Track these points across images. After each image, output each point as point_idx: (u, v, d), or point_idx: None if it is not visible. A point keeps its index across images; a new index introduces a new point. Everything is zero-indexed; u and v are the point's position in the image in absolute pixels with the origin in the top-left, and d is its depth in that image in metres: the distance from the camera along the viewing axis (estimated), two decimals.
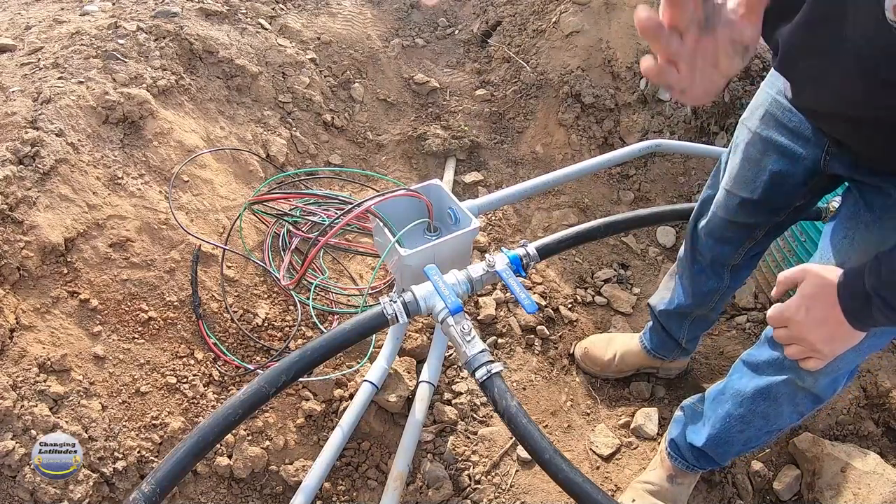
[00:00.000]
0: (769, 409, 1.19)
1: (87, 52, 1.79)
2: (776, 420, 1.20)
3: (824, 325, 0.89)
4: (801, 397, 1.13)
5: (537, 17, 2.62)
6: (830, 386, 1.11)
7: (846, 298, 0.86)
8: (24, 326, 1.32)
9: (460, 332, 1.09)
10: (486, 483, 1.52)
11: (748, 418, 1.23)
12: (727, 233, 1.31)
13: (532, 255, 1.28)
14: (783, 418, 1.19)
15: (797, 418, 1.19)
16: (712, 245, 1.36)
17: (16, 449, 1.16)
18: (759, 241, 1.32)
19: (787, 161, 1.12)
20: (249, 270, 1.77)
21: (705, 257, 1.41)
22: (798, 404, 1.15)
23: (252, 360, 1.61)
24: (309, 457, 1.50)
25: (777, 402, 1.17)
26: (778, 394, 1.16)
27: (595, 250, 2.19)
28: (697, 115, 2.37)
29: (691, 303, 1.50)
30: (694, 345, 1.68)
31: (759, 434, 1.25)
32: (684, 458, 1.40)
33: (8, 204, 1.37)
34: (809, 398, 1.13)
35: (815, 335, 0.91)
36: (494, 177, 2.37)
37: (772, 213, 1.23)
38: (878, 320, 0.83)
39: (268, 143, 2.11)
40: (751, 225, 1.27)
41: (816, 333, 0.91)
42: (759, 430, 1.24)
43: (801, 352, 0.96)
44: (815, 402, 1.14)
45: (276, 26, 2.45)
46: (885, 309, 0.80)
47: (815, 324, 0.91)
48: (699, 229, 1.38)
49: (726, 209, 1.27)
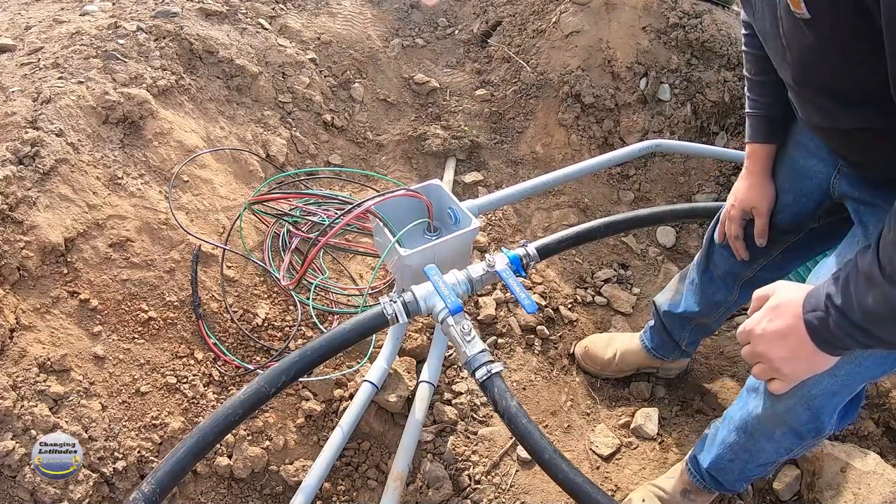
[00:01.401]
0: (748, 442, 1.16)
1: (87, 52, 1.79)
2: (759, 454, 1.17)
3: (785, 340, 0.82)
4: (780, 434, 1.09)
5: (537, 17, 2.62)
6: (810, 420, 1.03)
7: (809, 313, 0.78)
8: (24, 326, 1.32)
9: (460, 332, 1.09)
10: (486, 483, 1.52)
11: (735, 449, 1.21)
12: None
13: (532, 255, 1.28)
14: (766, 453, 1.15)
15: (785, 453, 1.14)
16: (727, 257, 1.36)
17: (16, 449, 1.16)
18: (774, 261, 1.31)
19: (802, 178, 1.14)
20: (249, 270, 1.77)
21: (719, 268, 1.40)
22: (778, 441, 1.11)
23: (252, 360, 1.61)
24: (309, 457, 1.49)
25: (754, 437, 1.14)
26: (754, 428, 1.13)
27: (595, 250, 2.19)
28: (697, 115, 2.37)
29: (697, 311, 1.50)
30: (694, 347, 1.68)
31: (748, 466, 1.22)
32: (701, 477, 1.36)
33: (8, 204, 1.37)
34: (789, 434, 1.08)
35: (776, 351, 0.83)
36: (494, 177, 2.37)
37: (786, 232, 1.23)
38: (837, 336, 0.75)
39: (268, 143, 2.11)
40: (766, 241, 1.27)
41: (776, 349, 0.83)
42: (746, 462, 1.21)
43: (764, 371, 0.89)
44: (797, 437, 1.08)
45: (276, 26, 2.45)
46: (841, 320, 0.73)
47: (775, 338, 0.83)
48: (715, 240, 1.38)
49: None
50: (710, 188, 2.33)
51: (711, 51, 2.34)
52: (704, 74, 2.34)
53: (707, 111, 2.35)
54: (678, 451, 1.63)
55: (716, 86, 2.33)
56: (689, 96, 2.35)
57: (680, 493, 1.41)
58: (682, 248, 2.25)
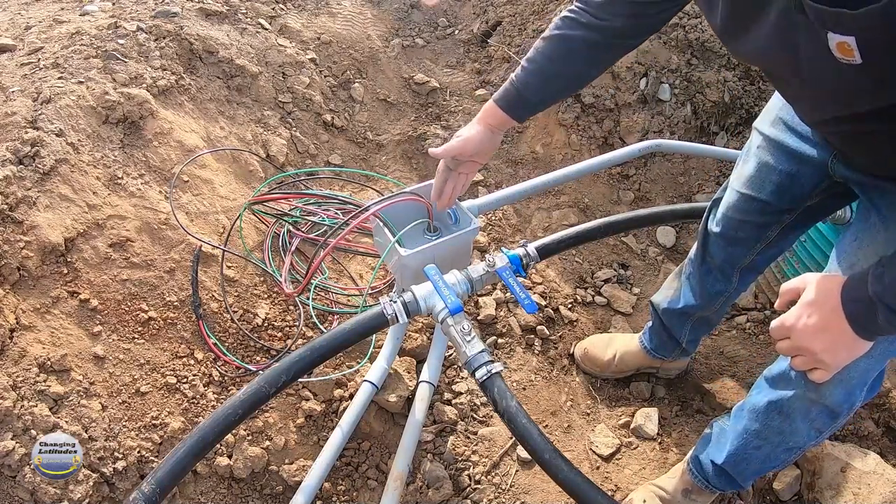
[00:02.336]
0: (783, 424, 1.16)
1: (87, 52, 1.79)
2: (792, 436, 1.17)
3: (826, 332, 0.85)
4: (816, 412, 1.10)
5: (537, 17, 2.62)
6: (846, 399, 1.07)
7: (849, 305, 0.82)
8: (24, 326, 1.32)
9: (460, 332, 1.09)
10: (486, 483, 1.52)
11: (764, 434, 1.20)
12: (739, 233, 1.31)
13: (532, 255, 1.28)
14: (799, 435, 1.16)
15: (815, 435, 1.15)
16: (724, 246, 1.36)
17: (16, 449, 1.16)
18: (771, 243, 1.31)
19: (795, 162, 1.14)
20: (249, 270, 1.77)
21: (716, 259, 1.40)
22: (813, 420, 1.12)
23: (252, 360, 1.61)
24: (309, 457, 1.49)
25: (790, 417, 1.15)
26: (790, 408, 1.13)
27: (595, 250, 2.19)
28: (697, 115, 2.37)
29: (697, 303, 1.50)
30: (694, 346, 1.68)
31: (776, 451, 1.21)
32: (705, 477, 1.36)
33: (8, 204, 1.37)
34: (824, 413, 1.10)
35: (818, 344, 0.87)
36: (494, 177, 2.37)
37: (782, 213, 1.23)
38: (884, 328, 0.80)
39: (268, 143, 2.11)
40: (761, 224, 1.27)
41: (819, 342, 0.86)
42: (776, 446, 1.20)
43: (806, 362, 0.91)
44: (831, 416, 1.10)
45: (276, 26, 2.45)
46: (889, 315, 0.77)
47: (816, 332, 0.86)
48: (710, 230, 1.38)
49: (737, 209, 1.28)
50: (710, 188, 2.33)
51: (711, 51, 2.34)
52: (704, 74, 2.34)
53: (707, 111, 2.35)
54: (678, 451, 1.63)
55: (716, 86, 2.33)
56: (689, 96, 2.35)
57: (681, 493, 1.41)
58: (682, 248, 2.25)
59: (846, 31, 0.67)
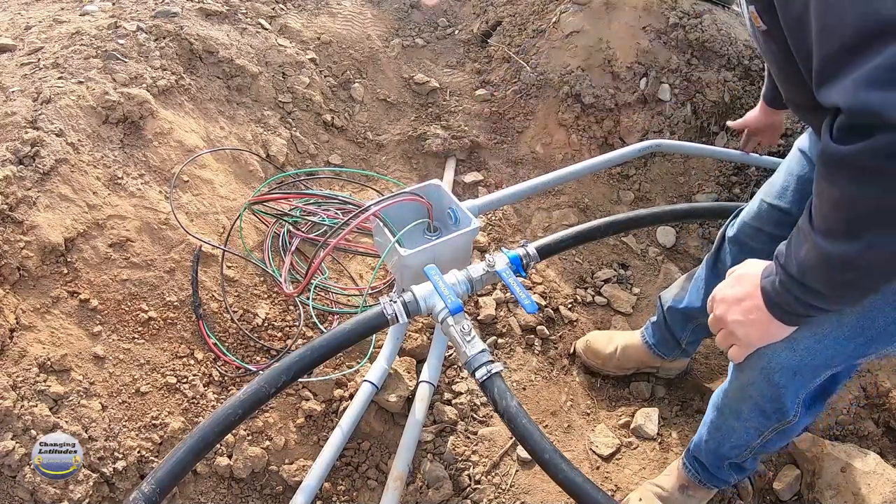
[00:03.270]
0: (719, 420, 1.19)
1: (87, 52, 1.79)
2: (731, 434, 1.17)
3: (741, 303, 0.89)
4: (747, 410, 1.09)
5: (537, 17, 2.62)
6: (773, 399, 1.03)
7: (764, 280, 0.85)
8: (24, 326, 1.32)
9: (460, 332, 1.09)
10: (486, 483, 1.52)
11: (710, 428, 1.24)
12: (752, 242, 1.32)
13: (532, 255, 1.28)
14: (736, 433, 1.16)
15: (755, 435, 1.14)
16: (736, 253, 1.37)
17: (16, 449, 1.16)
18: None
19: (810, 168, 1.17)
20: (249, 270, 1.77)
21: (725, 265, 1.40)
22: (746, 419, 1.11)
23: (252, 360, 1.61)
24: (309, 457, 1.49)
25: (722, 413, 1.16)
26: (722, 404, 1.15)
27: (595, 250, 2.19)
28: (697, 115, 2.37)
29: (699, 307, 1.50)
30: (694, 347, 1.68)
31: (722, 447, 1.22)
32: (696, 471, 1.38)
33: (8, 204, 1.37)
34: (755, 410, 1.08)
35: (732, 314, 0.90)
36: (494, 177, 2.37)
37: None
38: (784, 298, 0.82)
39: (268, 143, 2.11)
40: (776, 237, 1.27)
41: (733, 312, 0.90)
42: (721, 442, 1.22)
43: (724, 337, 0.95)
44: (763, 415, 1.08)
45: (276, 26, 2.45)
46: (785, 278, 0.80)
47: (733, 302, 0.90)
48: (727, 236, 1.40)
49: (756, 217, 1.30)
50: (710, 188, 2.33)
51: (711, 51, 2.34)
52: (704, 74, 2.34)
53: (707, 111, 2.35)
54: (678, 451, 1.63)
55: (716, 86, 2.33)
56: (689, 96, 2.35)
57: (678, 490, 1.42)
58: (682, 248, 2.25)
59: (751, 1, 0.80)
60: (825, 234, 0.74)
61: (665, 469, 1.52)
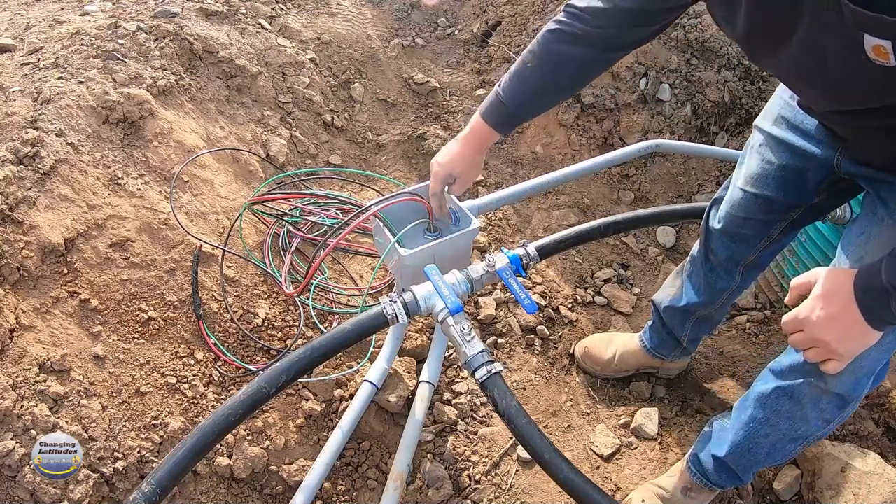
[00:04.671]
0: (794, 409, 1.16)
1: (87, 52, 1.79)
2: (801, 424, 1.17)
3: (839, 323, 0.88)
4: (826, 401, 1.11)
5: (537, 17, 2.62)
6: (854, 388, 1.08)
7: (861, 295, 0.84)
8: (24, 326, 1.32)
9: (460, 332, 1.09)
10: (486, 483, 1.52)
11: (773, 420, 1.20)
12: (743, 230, 1.31)
13: (532, 255, 1.28)
14: (808, 423, 1.16)
15: (822, 425, 1.15)
16: (727, 243, 1.36)
17: (16, 449, 1.16)
18: (775, 239, 1.32)
19: (799, 159, 1.15)
20: (249, 270, 1.77)
21: (719, 256, 1.40)
22: (823, 409, 1.12)
23: (252, 360, 1.61)
24: (309, 457, 1.49)
25: (800, 402, 1.15)
26: (801, 394, 1.14)
27: (595, 250, 2.19)
28: (697, 115, 2.37)
29: (700, 301, 1.50)
30: (694, 345, 1.68)
31: (783, 440, 1.21)
32: (705, 475, 1.36)
33: (8, 204, 1.37)
34: (834, 401, 1.10)
35: (831, 335, 0.89)
36: (494, 177, 2.37)
37: (786, 209, 1.24)
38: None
39: (268, 143, 2.11)
40: (766, 222, 1.28)
41: (832, 333, 0.89)
42: (784, 434, 1.20)
43: (819, 354, 0.94)
44: (840, 405, 1.11)
45: (276, 26, 2.45)
46: None
47: (829, 323, 0.89)
48: (712, 228, 1.38)
49: (741, 207, 1.28)
50: (710, 188, 2.33)
51: (711, 51, 2.34)
52: (704, 74, 2.34)
53: (707, 111, 2.35)
54: (678, 451, 1.63)
55: (716, 86, 2.33)
56: (689, 96, 2.35)
57: (681, 492, 1.41)
58: (682, 248, 2.25)
59: (883, 35, 0.68)
60: None
61: (667, 470, 1.52)
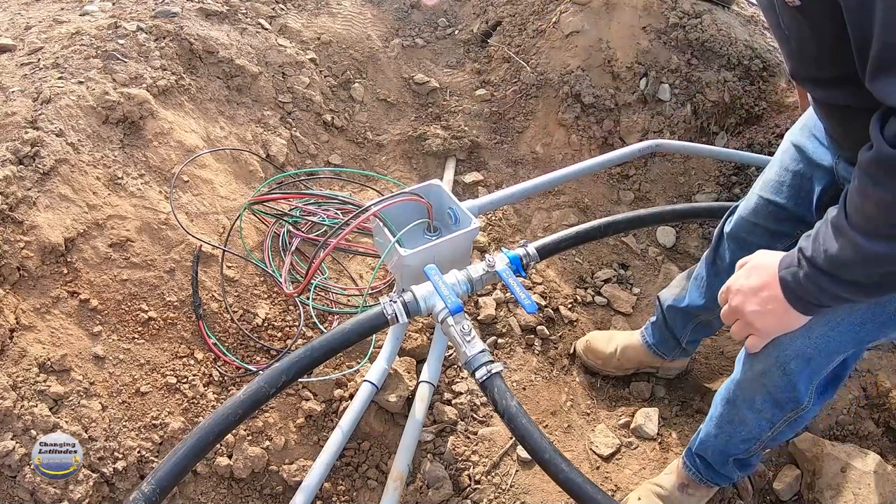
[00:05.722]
0: (731, 412, 1.18)
1: (87, 52, 1.79)
2: (742, 426, 1.17)
3: (758, 294, 0.89)
4: (760, 400, 1.10)
5: (537, 17, 2.62)
6: (786, 387, 1.04)
7: (783, 271, 0.86)
8: (24, 326, 1.32)
9: (460, 332, 1.09)
10: (486, 483, 1.52)
11: (720, 422, 1.23)
12: (750, 237, 1.32)
13: (532, 255, 1.28)
14: (748, 425, 1.16)
15: (767, 427, 1.14)
16: (734, 249, 1.37)
17: (16, 449, 1.16)
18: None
19: (808, 165, 1.16)
20: (249, 270, 1.77)
21: (724, 261, 1.41)
22: (759, 410, 1.12)
23: (252, 360, 1.61)
24: (309, 457, 1.49)
25: (734, 404, 1.16)
26: (734, 395, 1.15)
27: (595, 250, 2.19)
28: (697, 115, 2.37)
29: (701, 304, 1.50)
30: (694, 346, 1.68)
31: (732, 441, 1.22)
32: (695, 467, 1.38)
33: (8, 204, 1.37)
34: (768, 401, 1.09)
35: (749, 304, 0.90)
36: (494, 177, 2.37)
37: (796, 222, 1.24)
38: (808, 289, 0.82)
39: (268, 143, 2.11)
40: (773, 233, 1.28)
41: (750, 303, 0.90)
42: (731, 436, 1.21)
43: (740, 327, 0.95)
44: (777, 406, 1.09)
45: (276, 26, 2.45)
46: (816, 275, 0.80)
47: (750, 293, 0.90)
48: (724, 233, 1.40)
49: (753, 212, 1.30)
50: (710, 188, 2.33)
51: (711, 51, 2.34)
52: (704, 74, 2.34)
53: (707, 111, 2.35)
54: (678, 451, 1.63)
55: (716, 86, 2.33)
56: (689, 96, 2.35)
57: (678, 489, 1.42)
58: (682, 248, 2.25)
59: None
60: (866, 232, 0.74)
61: (665, 468, 1.52)
